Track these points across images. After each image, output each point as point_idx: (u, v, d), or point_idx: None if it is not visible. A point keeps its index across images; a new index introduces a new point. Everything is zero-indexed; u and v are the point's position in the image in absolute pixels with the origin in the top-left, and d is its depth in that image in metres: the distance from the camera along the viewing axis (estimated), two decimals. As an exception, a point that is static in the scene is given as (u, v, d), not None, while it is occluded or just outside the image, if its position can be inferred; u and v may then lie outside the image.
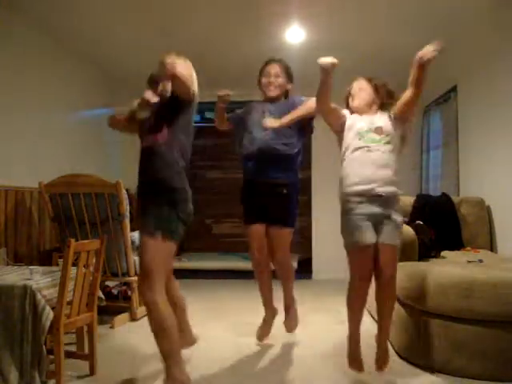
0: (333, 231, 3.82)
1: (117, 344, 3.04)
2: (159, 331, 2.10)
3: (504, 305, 2.34)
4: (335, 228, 3.91)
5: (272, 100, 2.93)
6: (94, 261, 2.52)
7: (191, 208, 2.27)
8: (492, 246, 3.63)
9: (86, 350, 2.59)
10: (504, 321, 2.35)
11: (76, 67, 4.72)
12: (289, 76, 2.97)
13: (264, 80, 2.94)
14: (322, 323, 3.56)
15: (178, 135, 2.22)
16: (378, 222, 2.26)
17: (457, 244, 3.60)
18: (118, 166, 5.73)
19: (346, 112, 2.48)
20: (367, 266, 2.26)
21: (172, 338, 2.10)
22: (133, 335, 3.27)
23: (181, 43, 4.42)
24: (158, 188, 2.16)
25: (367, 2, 3.51)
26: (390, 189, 2.28)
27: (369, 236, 2.23)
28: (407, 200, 3.86)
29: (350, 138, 2.38)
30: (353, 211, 2.28)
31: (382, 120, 2.38)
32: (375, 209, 2.25)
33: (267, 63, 2.95)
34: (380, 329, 2.37)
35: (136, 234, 3.67)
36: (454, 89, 4.44)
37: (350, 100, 2.49)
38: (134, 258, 3.59)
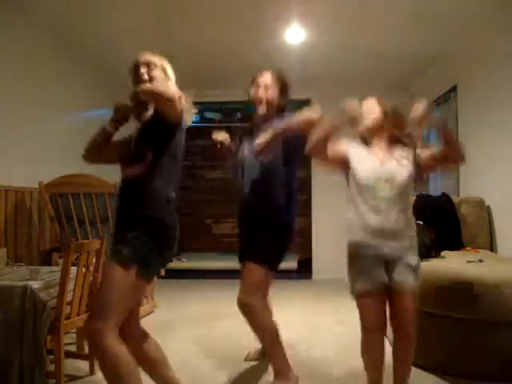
0: (333, 231, 3.84)
1: (117, 344, 3.03)
2: (114, 381, 1.69)
3: (504, 305, 2.34)
4: (335, 228, 3.91)
5: (261, 120, 2.40)
6: (94, 261, 2.52)
7: (176, 248, 1.91)
8: (492, 246, 3.63)
9: (86, 350, 2.59)
10: (504, 321, 2.35)
11: (76, 68, 4.72)
12: (283, 89, 2.42)
13: (252, 91, 2.44)
14: (322, 324, 3.56)
15: (166, 163, 1.88)
16: (388, 264, 1.98)
17: (457, 244, 3.60)
18: (118, 166, 5.73)
19: (345, 145, 2.13)
20: (376, 313, 1.98)
21: None
22: (133, 335, 3.27)
23: (180, 43, 4.42)
24: (145, 219, 1.81)
25: (367, 1, 3.51)
26: (402, 245, 2.00)
27: (376, 279, 1.96)
28: (407, 200, 3.86)
29: (356, 178, 2.06)
30: (358, 254, 2.03)
31: (393, 162, 2.03)
32: (384, 251, 1.98)
33: (259, 72, 2.45)
34: (398, 380, 2.06)
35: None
36: (454, 89, 4.44)
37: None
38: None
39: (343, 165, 2.12)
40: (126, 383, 1.66)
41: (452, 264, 2.86)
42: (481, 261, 2.92)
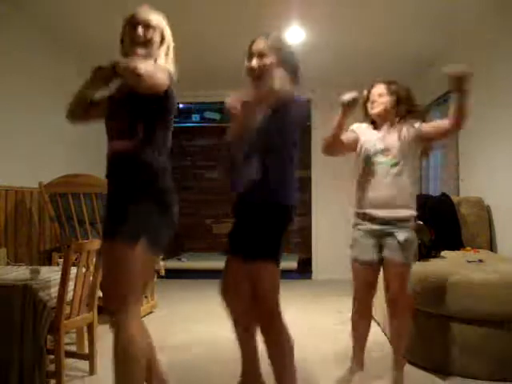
0: (333, 231, 3.84)
1: (117, 344, 3.03)
2: (126, 365, 1.64)
3: (504, 305, 2.34)
4: (335, 228, 3.91)
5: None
6: (94, 261, 2.52)
7: (177, 214, 1.82)
8: (492, 246, 3.63)
9: (86, 350, 2.59)
10: (504, 321, 2.35)
11: (77, 67, 4.72)
12: (283, 56, 1.97)
13: (245, 63, 2.09)
14: (322, 324, 3.56)
15: (159, 135, 1.79)
16: (380, 239, 2.23)
17: (457, 244, 3.60)
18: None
19: (355, 130, 2.38)
20: (365, 282, 2.27)
21: (139, 376, 1.67)
22: (133, 335, 3.27)
23: (180, 43, 4.42)
24: (144, 188, 1.74)
25: (367, 1, 3.51)
26: (393, 214, 2.20)
27: (367, 253, 2.24)
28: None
29: (360, 158, 2.33)
30: (357, 226, 2.31)
31: (394, 137, 2.25)
32: (375, 226, 2.23)
33: (252, 41, 2.11)
34: (393, 352, 2.32)
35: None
36: (453, 89, 4.43)
37: (369, 107, 2.35)
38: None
39: (355, 146, 2.35)
40: (137, 369, 1.65)
41: (452, 264, 2.86)
42: (481, 261, 2.92)
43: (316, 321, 3.63)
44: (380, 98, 2.30)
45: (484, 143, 3.83)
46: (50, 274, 2.45)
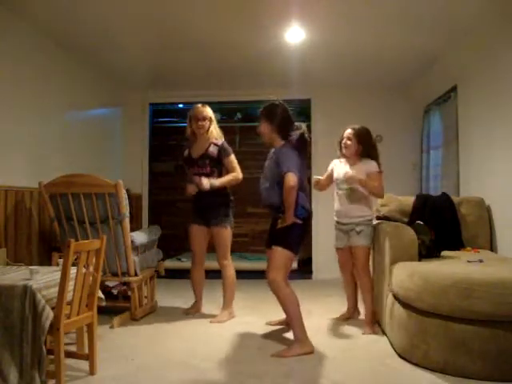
0: (333, 231, 3.82)
1: (117, 344, 3.04)
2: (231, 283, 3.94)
3: (503, 305, 2.34)
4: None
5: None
6: (94, 261, 2.52)
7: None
8: (492, 246, 3.63)
9: (86, 350, 2.59)
10: (504, 321, 2.35)
11: (77, 68, 4.72)
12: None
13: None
14: (322, 324, 3.55)
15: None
16: (346, 233, 3.43)
17: (457, 244, 3.60)
18: (118, 166, 5.73)
19: (331, 167, 3.58)
20: (342, 259, 3.61)
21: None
22: (133, 335, 3.27)
23: (180, 44, 4.42)
24: (227, 205, 3.80)
25: (367, 2, 3.51)
26: (350, 220, 3.39)
27: (341, 242, 3.53)
28: (407, 200, 3.86)
29: (334, 180, 3.54)
30: (334, 226, 3.58)
31: (355, 171, 3.30)
32: (343, 224, 3.45)
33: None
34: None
35: (135, 234, 3.68)
36: (454, 89, 4.44)
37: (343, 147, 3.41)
38: (134, 258, 3.59)
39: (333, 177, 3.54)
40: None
41: (452, 264, 2.86)
42: (481, 261, 2.93)
43: (316, 321, 3.63)
44: (347, 141, 3.36)
45: (484, 143, 3.83)
46: (50, 274, 2.46)
